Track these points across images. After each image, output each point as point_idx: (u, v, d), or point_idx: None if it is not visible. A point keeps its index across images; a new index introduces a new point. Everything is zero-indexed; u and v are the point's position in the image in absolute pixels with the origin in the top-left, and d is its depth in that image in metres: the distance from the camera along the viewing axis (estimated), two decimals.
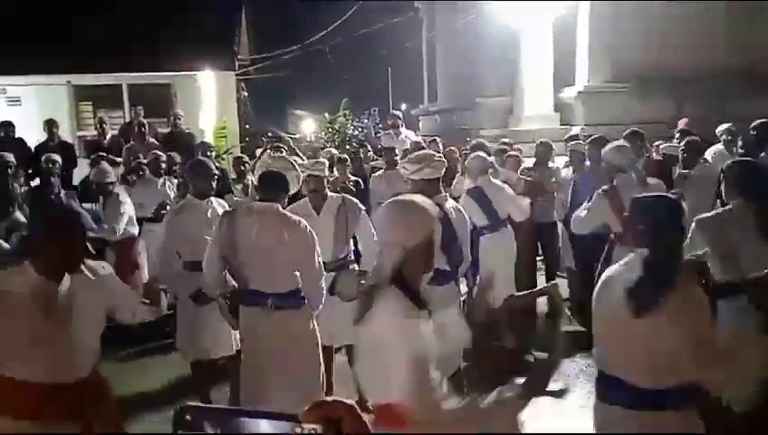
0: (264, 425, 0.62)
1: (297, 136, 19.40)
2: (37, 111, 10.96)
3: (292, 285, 3.53)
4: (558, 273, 6.92)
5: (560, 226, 6.60)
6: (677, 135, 6.87)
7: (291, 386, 3.37)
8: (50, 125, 8.53)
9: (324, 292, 3.69)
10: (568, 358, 5.27)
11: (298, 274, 3.54)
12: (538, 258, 7.08)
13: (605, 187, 4.59)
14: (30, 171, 7.19)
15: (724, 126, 7.15)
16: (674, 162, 6.21)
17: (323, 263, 3.70)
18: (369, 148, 8.92)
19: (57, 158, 6.71)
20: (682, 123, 7.61)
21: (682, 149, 5.98)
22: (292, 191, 3.86)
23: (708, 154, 6.44)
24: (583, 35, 11.20)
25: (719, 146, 7.08)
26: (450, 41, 13.94)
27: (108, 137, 8.49)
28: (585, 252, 5.26)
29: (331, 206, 4.30)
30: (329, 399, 0.65)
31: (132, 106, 10.70)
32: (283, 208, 3.63)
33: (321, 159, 4.86)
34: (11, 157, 6.39)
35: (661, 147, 6.79)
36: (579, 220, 4.70)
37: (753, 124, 6.24)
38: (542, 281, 6.81)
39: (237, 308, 3.63)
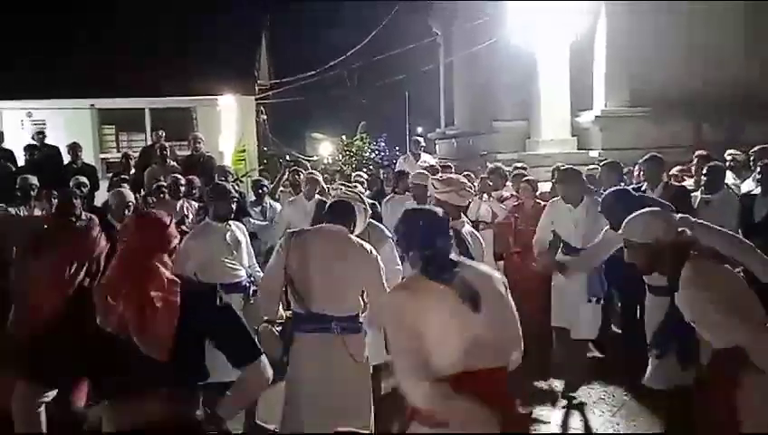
0: None
1: (315, 158, 19.61)
2: (62, 133, 11.20)
3: (355, 309, 3.52)
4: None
5: None
6: (695, 160, 6.81)
7: (342, 414, 3.33)
8: (74, 148, 8.71)
9: None
10: (586, 385, 5.20)
11: (360, 299, 3.54)
12: None
13: None
14: (55, 193, 7.32)
15: (731, 151, 7.09)
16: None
17: None
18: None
19: (85, 180, 6.83)
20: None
21: (704, 174, 5.93)
22: (359, 227, 3.77)
23: None
24: (600, 59, 11.23)
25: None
26: (467, 65, 14.05)
27: (132, 172, 8.63)
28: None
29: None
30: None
31: (154, 130, 10.91)
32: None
33: (356, 182, 4.91)
34: (35, 179, 6.54)
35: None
36: None
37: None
38: None
39: (290, 336, 3.50)
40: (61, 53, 11.65)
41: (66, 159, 9.04)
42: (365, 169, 15.57)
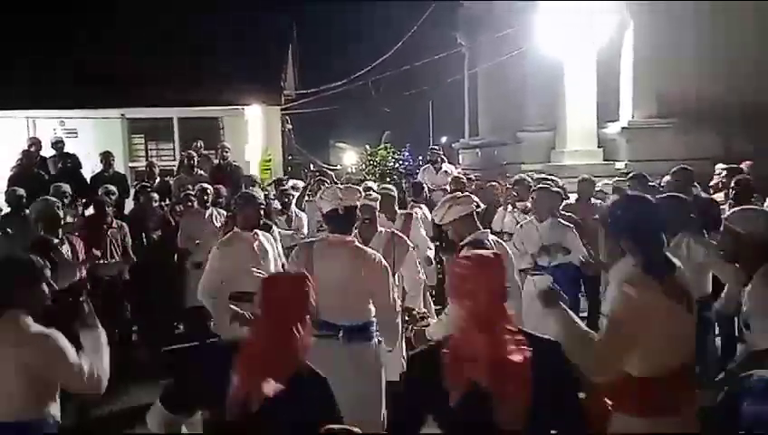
0: None
1: (338, 167, 19.70)
2: (92, 142, 11.44)
3: (365, 317, 3.55)
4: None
5: None
6: (724, 173, 6.71)
7: (351, 421, 3.37)
8: (106, 157, 8.89)
9: (400, 328, 3.69)
10: None
11: (371, 307, 3.57)
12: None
13: None
14: (85, 201, 7.48)
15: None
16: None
17: None
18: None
19: (113, 189, 6.96)
20: (746, 165, 7.34)
21: (732, 187, 5.87)
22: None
23: None
24: (627, 71, 11.14)
25: None
26: (492, 75, 14.04)
27: (157, 181, 8.77)
28: None
29: (380, 239, 4.28)
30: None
31: (182, 139, 11.10)
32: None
33: (374, 190, 4.89)
34: (67, 187, 6.70)
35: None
36: None
37: None
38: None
39: None
40: (92, 62, 11.90)
41: (86, 167, 9.23)
42: (389, 179, 15.59)
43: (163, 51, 12.23)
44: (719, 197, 6.50)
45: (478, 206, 4.22)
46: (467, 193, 4.06)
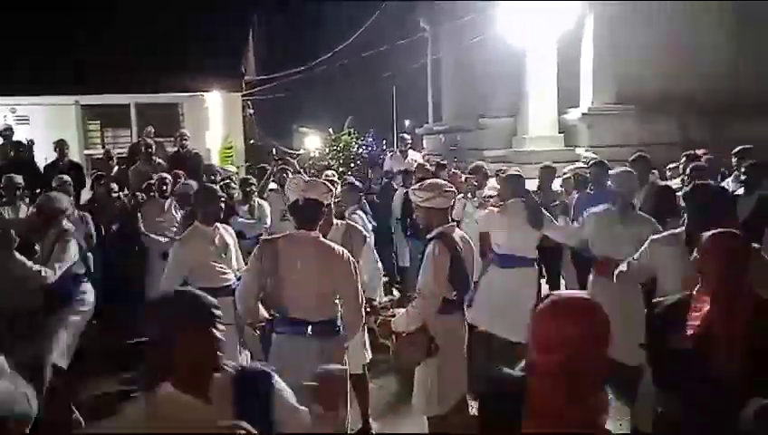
0: None
1: (301, 152, 19.49)
2: (45, 129, 11.07)
3: (331, 314, 3.54)
4: None
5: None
6: (683, 160, 6.86)
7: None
8: (61, 145, 8.58)
9: (363, 321, 3.70)
10: None
11: (337, 302, 3.55)
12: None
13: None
14: (38, 191, 7.23)
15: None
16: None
17: None
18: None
19: (67, 178, 6.74)
20: (702, 153, 7.48)
21: (687, 175, 6.00)
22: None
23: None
24: (587, 57, 11.27)
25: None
26: (455, 61, 14.06)
27: (115, 170, 8.53)
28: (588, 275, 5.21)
29: (335, 234, 4.21)
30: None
31: (140, 126, 10.82)
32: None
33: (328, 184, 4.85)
34: (20, 178, 6.46)
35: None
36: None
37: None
38: None
39: (269, 338, 3.60)
40: (45, 49, 11.49)
41: (42, 155, 8.92)
42: (352, 165, 15.54)
43: (119, 36, 11.88)
44: (675, 183, 6.65)
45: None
46: (452, 187, 4.05)
